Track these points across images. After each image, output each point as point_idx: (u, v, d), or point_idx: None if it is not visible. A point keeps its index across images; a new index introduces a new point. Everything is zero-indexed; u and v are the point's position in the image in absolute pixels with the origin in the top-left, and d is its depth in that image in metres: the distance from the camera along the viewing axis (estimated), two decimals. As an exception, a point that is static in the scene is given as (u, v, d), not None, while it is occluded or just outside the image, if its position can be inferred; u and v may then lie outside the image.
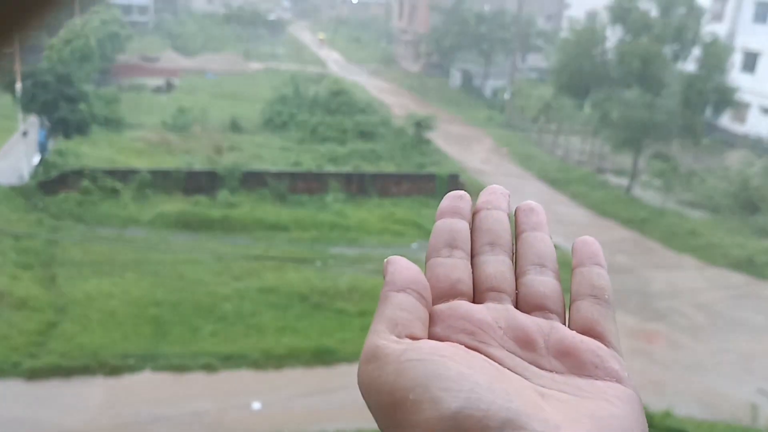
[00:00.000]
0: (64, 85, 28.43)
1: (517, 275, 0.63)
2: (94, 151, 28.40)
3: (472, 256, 0.63)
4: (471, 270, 0.62)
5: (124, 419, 13.84)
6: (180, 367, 15.55)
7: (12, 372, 14.67)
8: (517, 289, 0.62)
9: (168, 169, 26.76)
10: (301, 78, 42.19)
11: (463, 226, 0.64)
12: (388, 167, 31.13)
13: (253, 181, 26.94)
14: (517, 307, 0.60)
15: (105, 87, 40.18)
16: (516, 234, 0.66)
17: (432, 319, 0.57)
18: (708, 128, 35.02)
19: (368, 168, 30.34)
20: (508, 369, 0.54)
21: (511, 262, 0.63)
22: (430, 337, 0.56)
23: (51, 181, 24.87)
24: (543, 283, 0.61)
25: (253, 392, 14.80)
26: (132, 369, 15.36)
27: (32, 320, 16.69)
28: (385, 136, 35.56)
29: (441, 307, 0.58)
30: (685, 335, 18.82)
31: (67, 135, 29.18)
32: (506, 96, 46.24)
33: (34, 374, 14.78)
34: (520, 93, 44.07)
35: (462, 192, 0.66)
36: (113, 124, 33.11)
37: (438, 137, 36.68)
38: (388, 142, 34.89)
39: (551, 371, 0.55)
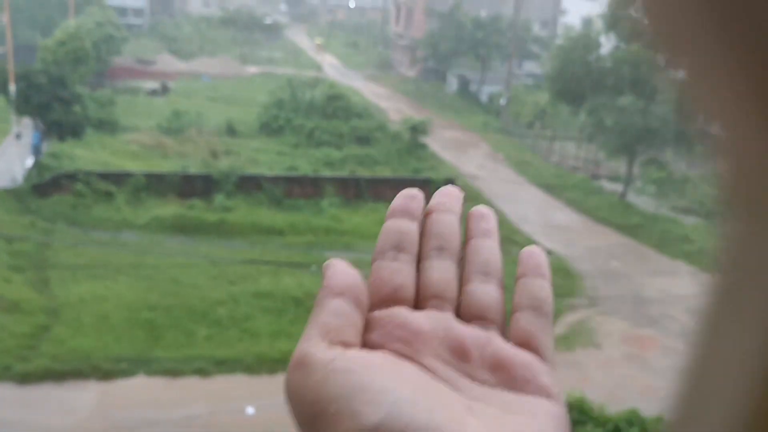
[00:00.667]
0: (58, 87, 28.36)
1: (462, 283, 0.61)
2: (88, 154, 28.33)
3: (419, 260, 0.62)
4: (415, 275, 0.60)
5: (116, 423, 13.77)
6: (173, 372, 15.49)
7: (3, 375, 14.60)
8: (460, 296, 0.61)
9: (163, 173, 26.71)
10: (298, 82, 42.18)
11: (412, 227, 0.62)
12: (384, 172, 31.15)
13: (248, 185, 26.92)
14: (458, 315, 0.59)
15: (100, 89, 40.09)
16: (465, 240, 0.64)
17: (369, 326, 0.56)
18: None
19: (364, 172, 30.35)
20: (440, 380, 0.53)
21: (457, 268, 0.62)
22: (366, 344, 0.55)
23: (44, 184, 24.80)
24: (485, 292, 0.60)
25: (247, 397, 14.75)
26: (125, 373, 15.30)
27: (24, 323, 16.62)
28: (381, 141, 35.59)
29: (379, 313, 0.57)
30: (678, 341, 18.85)
31: (61, 137, 29.10)
32: (502, 102, 46.32)
33: (25, 378, 14.71)
34: (516, 99, 44.17)
35: (415, 191, 0.64)
36: (108, 126, 33.03)
37: (434, 142, 36.72)
38: (384, 146, 34.92)
39: (483, 384, 0.54)
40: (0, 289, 17.90)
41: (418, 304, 0.59)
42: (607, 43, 33.19)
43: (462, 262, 0.63)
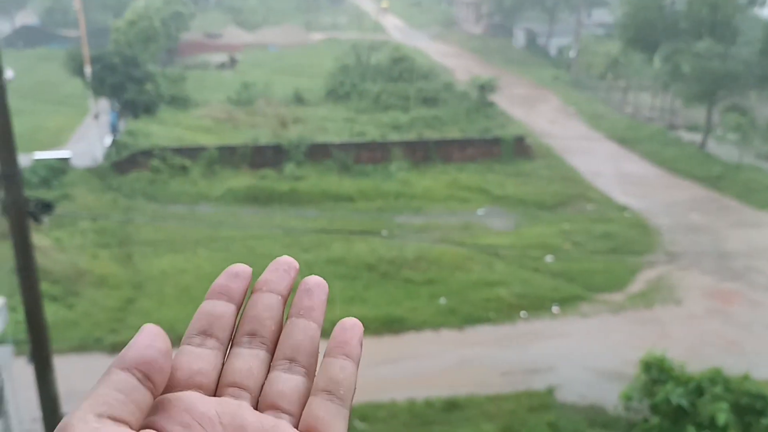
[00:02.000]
0: (130, 67, 29.15)
1: (270, 368, 0.62)
2: (162, 130, 29.13)
3: (232, 345, 0.62)
4: (219, 360, 0.61)
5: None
6: (252, 339, 15.93)
7: (95, 347, 15.36)
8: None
9: (234, 145, 27.24)
10: (362, 47, 42.02)
11: (227, 310, 0.62)
12: (452, 133, 30.84)
13: (317, 153, 27.16)
14: (257, 402, 0.60)
15: (170, 66, 41.03)
16: (288, 315, 0.64)
17: (156, 408, 0.55)
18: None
19: (432, 134, 30.14)
20: None
21: (268, 354, 0.62)
22: (149, 425, 0.54)
23: (123, 162, 25.69)
24: (285, 381, 0.60)
25: (324, 362, 15.05)
26: (207, 342, 15.83)
27: (111, 297, 17.41)
28: (449, 101, 35.19)
29: (169, 396, 0.57)
30: (764, 294, 18.13)
31: (136, 116, 30.00)
32: (572, 54, 44.95)
33: (115, 349, 15.43)
34: (586, 50, 42.78)
35: (240, 269, 0.64)
36: (180, 102, 33.84)
37: (503, 99, 36.06)
38: (452, 107, 34.53)
39: None
40: (88, 265, 18.77)
41: (217, 391, 0.60)
42: (681, -15, 31.63)
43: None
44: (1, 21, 58.71)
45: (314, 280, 0.65)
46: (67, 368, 12.92)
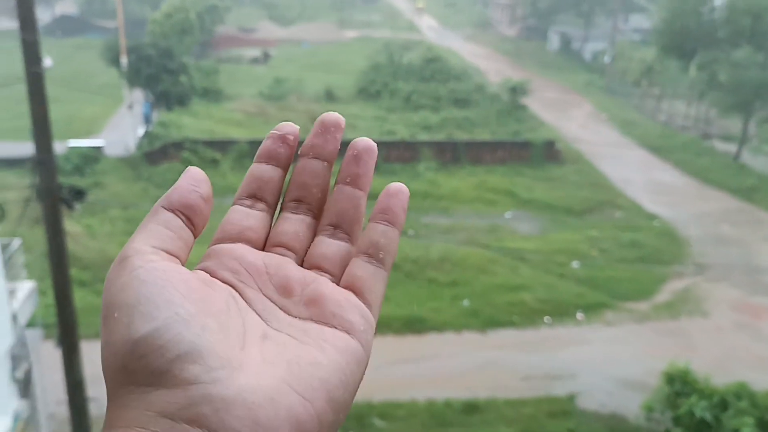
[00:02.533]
0: (165, 59, 29.48)
1: (316, 232, 0.64)
2: (194, 123, 29.42)
3: (281, 209, 0.65)
4: (268, 221, 0.63)
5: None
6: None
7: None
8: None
9: (264, 140, 27.40)
10: (395, 45, 42.05)
11: (275, 174, 0.64)
12: (483, 134, 30.72)
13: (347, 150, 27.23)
14: (302, 264, 0.62)
15: (204, 59, 41.40)
16: (337, 179, 0.66)
17: (208, 255, 0.59)
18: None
19: (462, 136, 30.05)
20: (254, 310, 0.56)
21: (314, 220, 0.65)
22: (200, 269, 0.58)
23: (155, 152, 26.00)
24: (329, 244, 0.63)
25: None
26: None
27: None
28: (480, 103, 35.06)
29: (221, 245, 0.60)
30: (795, 311, 17.79)
31: (169, 107, 30.34)
32: (606, 59, 44.50)
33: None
34: (621, 56, 42.32)
35: (288, 129, 0.66)
36: (212, 95, 34.15)
37: (534, 103, 35.83)
38: (483, 108, 34.39)
39: (296, 317, 0.56)
40: (117, 253, 18.95)
41: (265, 249, 0.62)
42: (721, -7, 31.17)
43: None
44: (42, 10, 59.72)
45: (363, 144, 0.66)
46: (93, 353, 13.13)
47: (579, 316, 17.02)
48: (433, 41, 50.95)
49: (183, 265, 0.55)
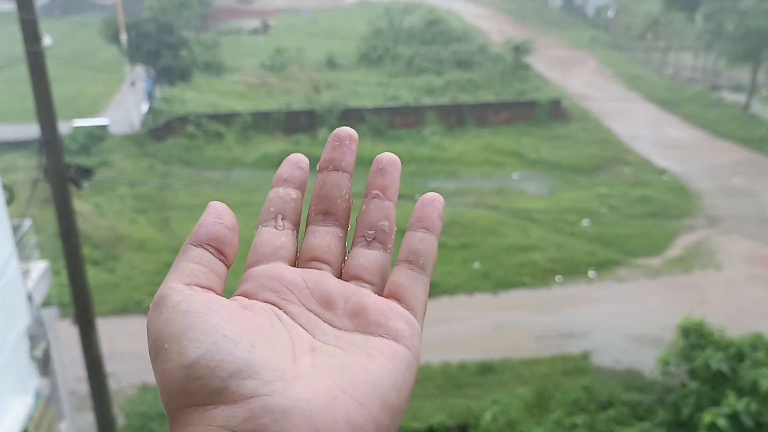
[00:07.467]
0: (165, 34, 29.23)
1: (352, 243, 0.66)
2: (197, 97, 29.28)
3: (307, 224, 0.67)
4: (295, 240, 0.65)
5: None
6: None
7: (135, 310, 15.69)
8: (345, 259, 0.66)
9: (268, 111, 27.28)
10: (395, 9, 41.51)
11: (295, 196, 0.66)
12: (487, 96, 30.46)
13: (351, 118, 27.08)
14: (340, 276, 0.64)
15: (204, 32, 41.05)
16: (365, 192, 0.67)
17: (246, 278, 0.61)
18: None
19: (466, 98, 29.80)
20: (299, 324, 0.57)
21: (342, 230, 0.66)
22: (241, 293, 0.59)
23: (159, 128, 25.93)
24: (366, 255, 0.64)
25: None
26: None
27: (150, 261, 17.72)
28: (483, 64, 34.70)
29: (258, 267, 0.62)
30: (808, 260, 17.72)
31: (171, 82, 30.17)
32: (610, 14, 43.87)
33: (155, 312, 15.73)
34: (625, 10, 41.69)
35: (299, 158, 0.68)
36: (214, 68, 33.93)
37: (538, 61, 35.44)
38: (486, 70, 34.05)
39: (341, 329, 0.58)
40: (127, 230, 19.10)
41: (299, 265, 0.64)
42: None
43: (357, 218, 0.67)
44: (38, -11, 59.21)
45: (387, 158, 0.67)
46: (109, 330, 13.24)
47: (591, 273, 17.01)
48: (434, 3, 50.31)
49: (219, 295, 0.57)
